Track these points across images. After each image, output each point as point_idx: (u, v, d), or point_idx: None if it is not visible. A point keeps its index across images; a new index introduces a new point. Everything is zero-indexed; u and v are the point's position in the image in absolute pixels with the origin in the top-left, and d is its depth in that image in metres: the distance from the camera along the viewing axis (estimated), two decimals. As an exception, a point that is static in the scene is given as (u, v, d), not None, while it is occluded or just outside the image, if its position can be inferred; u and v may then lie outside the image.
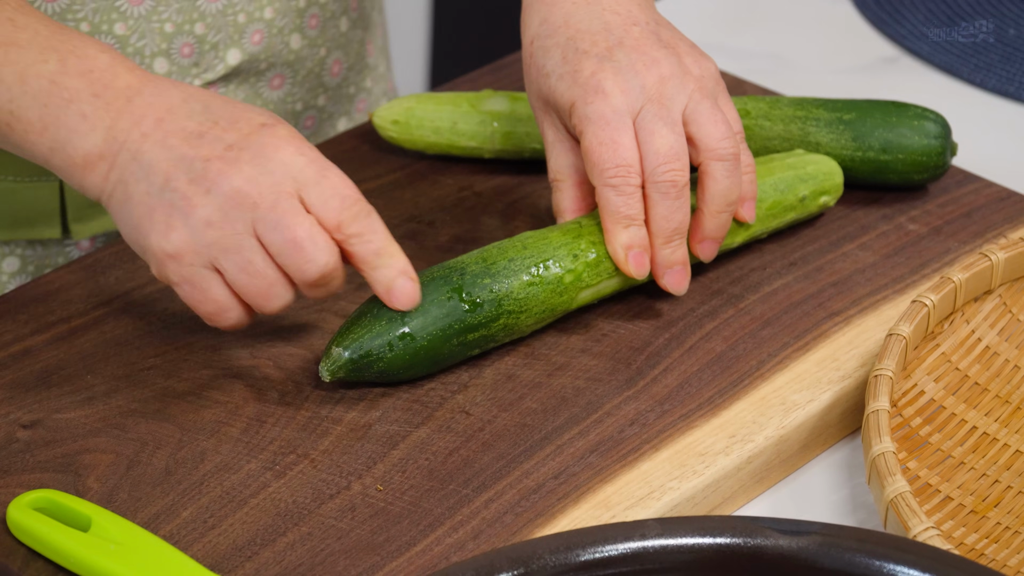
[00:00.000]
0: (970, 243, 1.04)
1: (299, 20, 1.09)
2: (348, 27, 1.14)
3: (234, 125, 0.86)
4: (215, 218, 0.85)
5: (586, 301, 0.96)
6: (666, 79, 0.94)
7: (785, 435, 0.91)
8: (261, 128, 0.86)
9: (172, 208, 0.85)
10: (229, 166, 0.85)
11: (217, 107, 0.87)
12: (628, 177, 0.93)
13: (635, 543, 0.74)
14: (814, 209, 1.03)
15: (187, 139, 0.86)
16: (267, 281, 0.87)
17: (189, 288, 0.87)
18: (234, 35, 1.06)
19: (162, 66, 1.05)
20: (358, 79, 1.17)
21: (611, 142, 0.93)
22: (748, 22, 1.32)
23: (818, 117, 1.06)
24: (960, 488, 0.89)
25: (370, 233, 0.87)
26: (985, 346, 0.95)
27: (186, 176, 0.85)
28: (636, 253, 0.94)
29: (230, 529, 0.85)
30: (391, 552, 0.84)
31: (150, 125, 0.86)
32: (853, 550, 0.73)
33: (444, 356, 0.92)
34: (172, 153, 0.86)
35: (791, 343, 0.96)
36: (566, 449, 0.89)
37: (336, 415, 0.91)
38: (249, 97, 1.10)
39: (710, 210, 0.95)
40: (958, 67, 1.26)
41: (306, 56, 1.11)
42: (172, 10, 1.04)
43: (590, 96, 0.93)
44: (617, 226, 0.94)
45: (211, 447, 0.89)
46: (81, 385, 0.92)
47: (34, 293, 0.98)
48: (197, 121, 0.86)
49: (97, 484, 0.86)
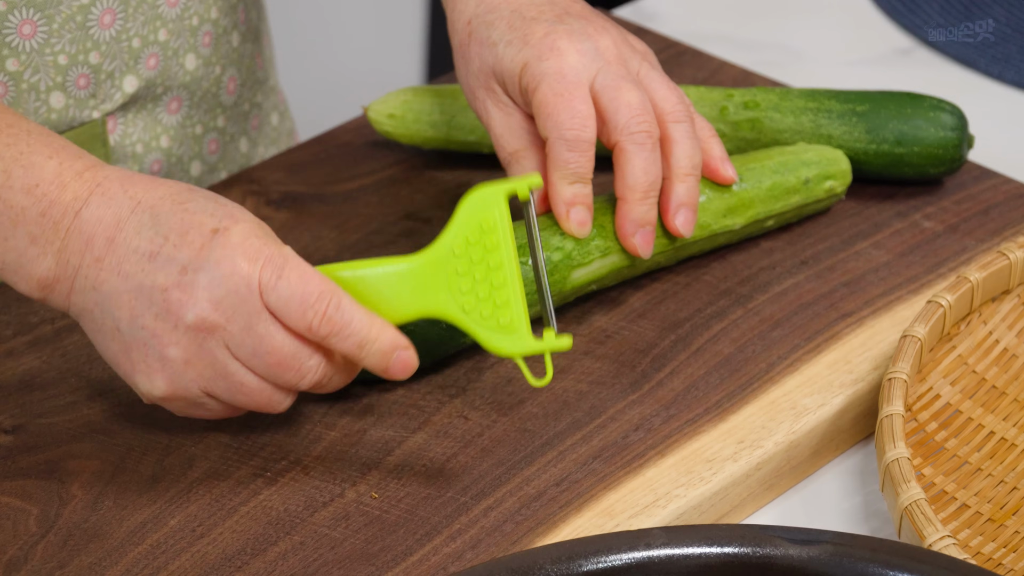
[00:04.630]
0: (987, 241, 1.04)
1: (193, 39, 1.08)
2: (239, 42, 1.13)
3: (184, 239, 0.84)
4: (191, 354, 0.84)
5: (581, 283, 0.95)
6: (618, 43, 0.96)
7: (796, 441, 0.91)
8: (213, 237, 0.84)
9: (146, 347, 0.84)
10: (188, 295, 0.83)
11: (166, 217, 0.85)
12: (583, 131, 0.93)
13: (640, 552, 0.73)
14: (821, 195, 1.03)
15: (140, 264, 0.84)
16: (265, 395, 0.86)
17: (189, 411, 0.87)
18: (129, 61, 1.05)
19: (59, 100, 1.03)
20: (251, 95, 1.17)
21: (566, 94, 0.93)
22: (757, 12, 1.32)
23: (830, 109, 1.06)
24: (977, 495, 0.89)
25: (343, 328, 0.84)
26: (1003, 348, 0.95)
27: (150, 312, 0.84)
28: (578, 210, 0.94)
29: (219, 538, 0.84)
30: (386, 562, 0.83)
31: (101, 247, 0.85)
32: (866, 560, 0.72)
33: (434, 341, 0.92)
34: (130, 283, 0.84)
35: (802, 345, 0.96)
36: (568, 455, 0.89)
37: (329, 420, 0.91)
38: (148, 124, 1.09)
39: (678, 174, 0.96)
40: (975, 59, 1.26)
41: (202, 76, 1.10)
42: (65, 41, 1.02)
43: (545, 54, 0.94)
44: (563, 181, 0.94)
45: (199, 453, 0.89)
46: (65, 389, 0.92)
47: (16, 293, 0.97)
48: (147, 238, 0.84)
49: (82, 491, 0.87)
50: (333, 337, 0.84)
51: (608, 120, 0.94)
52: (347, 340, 0.84)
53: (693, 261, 1.01)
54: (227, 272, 0.83)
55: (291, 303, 0.83)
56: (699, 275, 1.00)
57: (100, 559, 0.83)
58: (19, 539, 0.84)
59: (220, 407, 0.86)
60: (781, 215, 1.02)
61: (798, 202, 1.02)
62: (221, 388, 0.85)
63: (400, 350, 0.85)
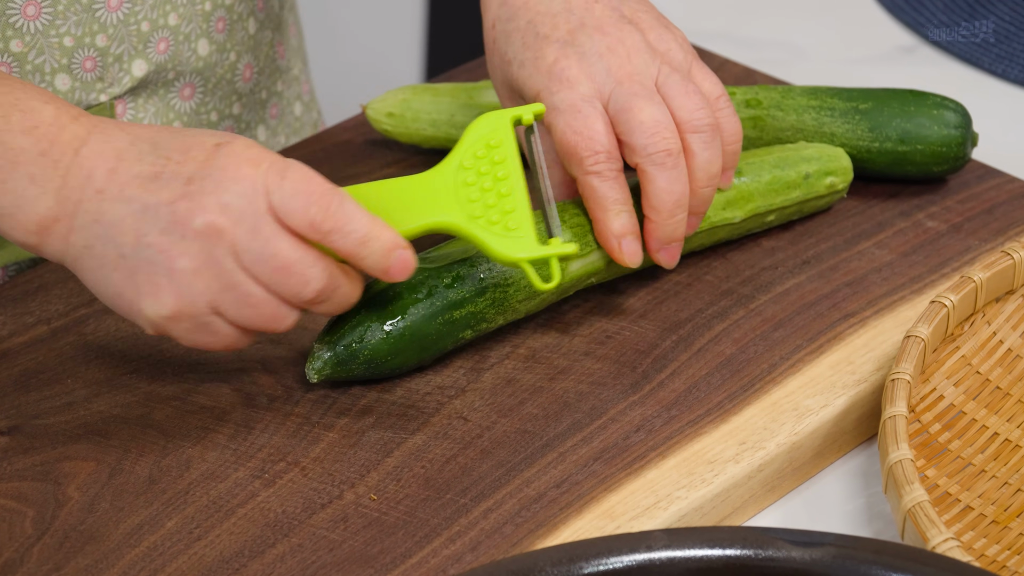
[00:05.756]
0: (991, 241, 1.04)
1: (205, 24, 1.08)
2: (256, 29, 1.13)
3: (187, 155, 0.85)
4: (199, 263, 0.84)
5: (579, 277, 0.95)
6: (632, 57, 0.95)
7: (798, 442, 0.91)
8: (216, 150, 0.85)
9: (152, 266, 0.84)
10: (194, 202, 0.84)
11: (166, 141, 0.86)
12: (609, 163, 0.93)
13: (641, 555, 0.73)
14: (822, 190, 1.03)
15: (144, 186, 0.84)
16: (271, 307, 0.85)
17: (196, 336, 0.86)
18: (138, 45, 1.05)
19: (64, 83, 1.04)
20: (269, 83, 1.17)
21: (585, 129, 0.93)
22: (759, 9, 1.32)
23: (833, 107, 1.06)
24: (981, 497, 0.89)
25: (345, 224, 0.85)
26: (1007, 348, 0.95)
27: (156, 228, 0.84)
28: (629, 240, 0.94)
29: (217, 540, 0.84)
30: (385, 564, 0.83)
31: (102, 178, 0.85)
32: (869, 562, 0.72)
33: (431, 338, 0.92)
34: (133, 206, 0.84)
35: (804, 346, 0.96)
36: (568, 457, 0.89)
37: (328, 421, 0.91)
38: (160, 110, 1.09)
39: (693, 187, 0.95)
40: (979, 57, 1.26)
41: (215, 62, 1.10)
42: (70, 23, 1.02)
43: (555, 85, 0.94)
44: (608, 214, 0.94)
45: (197, 454, 0.89)
46: (61, 389, 0.92)
47: (12, 293, 0.98)
48: (149, 163, 0.85)
49: (78, 493, 0.86)
50: (335, 234, 0.84)
51: (625, 143, 0.94)
52: (349, 237, 0.84)
53: (694, 260, 1.01)
54: (232, 177, 0.83)
55: (295, 199, 0.84)
56: (700, 275, 1.00)
57: (96, 561, 0.83)
58: (15, 541, 0.84)
59: (227, 331, 0.85)
60: (782, 210, 1.02)
61: (799, 197, 1.02)
62: (228, 301, 0.84)
63: (400, 249, 0.86)
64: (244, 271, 0.84)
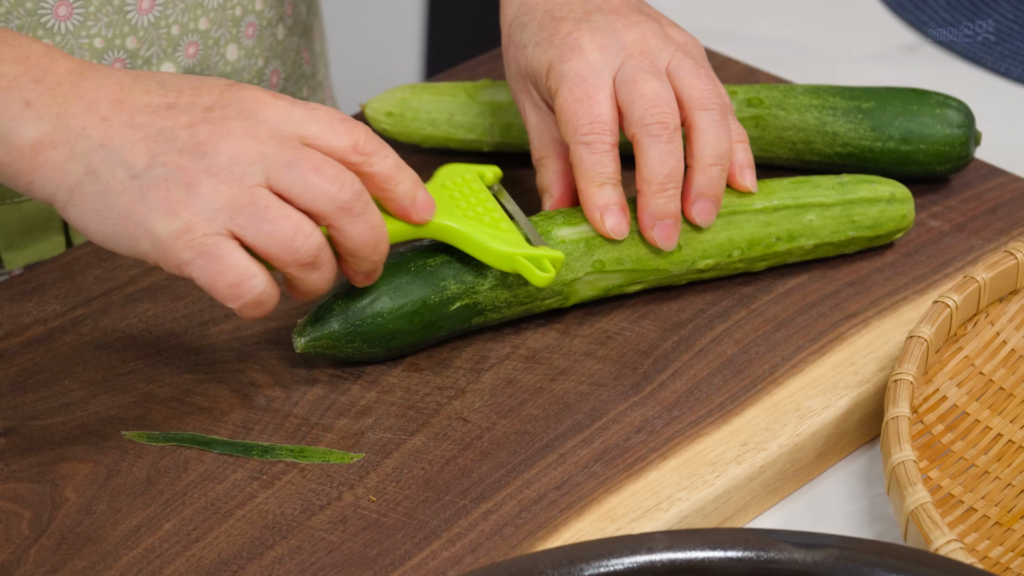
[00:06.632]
0: (995, 240, 1.04)
1: (235, 30, 1.08)
2: (285, 35, 1.13)
3: (199, 91, 0.83)
4: (221, 178, 0.81)
5: (565, 240, 0.95)
6: (647, 37, 0.95)
7: (800, 443, 0.90)
8: (229, 88, 0.84)
9: (168, 182, 0.81)
10: (217, 126, 0.82)
11: (172, 80, 0.84)
12: (602, 135, 0.93)
13: (642, 557, 0.73)
14: (854, 248, 1.02)
15: (157, 112, 0.82)
16: (292, 223, 0.82)
17: (204, 261, 0.82)
18: (167, 48, 1.05)
19: None
20: (295, 89, 1.17)
21: (585, 98, 0.93)
22: (761, 7, 1.32)
23: (835, 106, 1.06)
24: (984, 499, 0.89)
25: (383, 148, 0.86)
26: (1011, 349, 0.95)
27: (173, 147, 0.81)
28: (612, 211, 0.94)
29: (215, 542, 0.84)
30: (384, 566, 0.83)
31: (108, 108, 0.82)
32: (872, 564, 0.72)
33: (432, 316, 0.91)
34: (147, 130, 0.82)
35: (806, 346, 0.96)
36: (569, 458, 0.89)
37: (326, 422, 0.91)
38: None
39: (700, 164, 0.94)
40: (982, 55, 1.27)
41: (243, 67, 1.10)
42: (101, 24, 1.02)
43: (566, 55, 0.94)
44: (591, 185, 0.94)
45: (195, 456, 0.89)
46: (58, 390, 0.92)
47: (8, 293, 0.98)
48: (159, 94, 0.83)
49: (75, 495, 0.86)
50: (375, 155, 0.85)
51: (625, 114, 0.94)
52: (387, 160, 0.85)
53: (696, 260, 1.01)
54: (256, 107, 0.83)
55: (334, 125, 0.84)
56: (702, 275, 1.00)
57: (94, 563, 0.83)
58: (12, 543, 0.84)
59: (239, 258, 0.82)
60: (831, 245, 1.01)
61: (830, 252, 1.01)
62: (247, 218, 0.81)
63: (423, 187, 0.88)
64: (268, 186, 0.82)
